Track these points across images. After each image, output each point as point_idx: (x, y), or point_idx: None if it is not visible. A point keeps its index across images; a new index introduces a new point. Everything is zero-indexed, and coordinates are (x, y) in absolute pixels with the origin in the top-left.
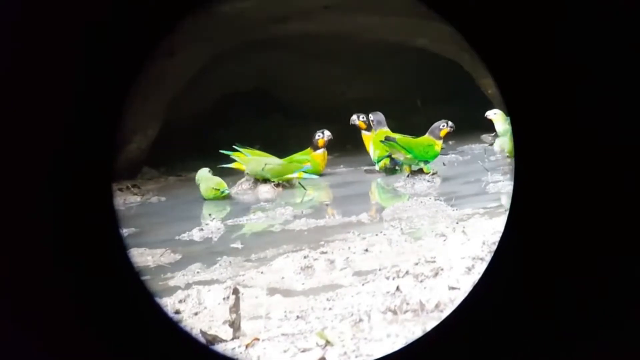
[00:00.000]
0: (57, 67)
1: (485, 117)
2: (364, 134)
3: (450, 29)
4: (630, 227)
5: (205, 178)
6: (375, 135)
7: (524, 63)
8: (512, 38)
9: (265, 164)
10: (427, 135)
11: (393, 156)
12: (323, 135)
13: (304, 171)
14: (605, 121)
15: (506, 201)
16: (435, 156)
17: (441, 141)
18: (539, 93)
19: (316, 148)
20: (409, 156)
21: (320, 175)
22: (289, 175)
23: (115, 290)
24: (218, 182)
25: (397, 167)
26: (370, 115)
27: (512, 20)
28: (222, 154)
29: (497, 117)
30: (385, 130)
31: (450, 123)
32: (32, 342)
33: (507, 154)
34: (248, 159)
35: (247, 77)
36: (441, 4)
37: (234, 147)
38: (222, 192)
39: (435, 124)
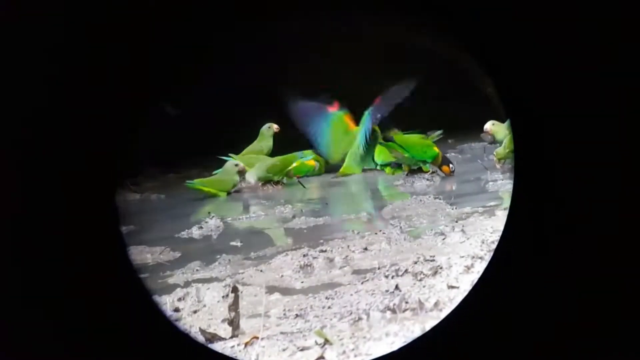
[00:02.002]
0: (59, 64)
1: (485, 133)
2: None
3: (449, 29)
4: (630, 226)
5: (224, 171)
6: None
7: (522, 62)
8: (510, 37)
9: (267, 165)
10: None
11: (392, 154)
12: None
13: (301, 158)
14: (605, 120)
15: (506, 200)
16: (434, 157)
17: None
18: (538, 92)
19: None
20: (406, 155)
21: (321, 174)
22: (290, 167)
23: (113, 288)
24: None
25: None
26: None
27: (510, 20)
28: (222, 152)
29: (495, 127)
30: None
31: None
32: (32, 341)
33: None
34: (252, 164)
35: (247, 77)
36: (441, 4)
37: (230, 155)
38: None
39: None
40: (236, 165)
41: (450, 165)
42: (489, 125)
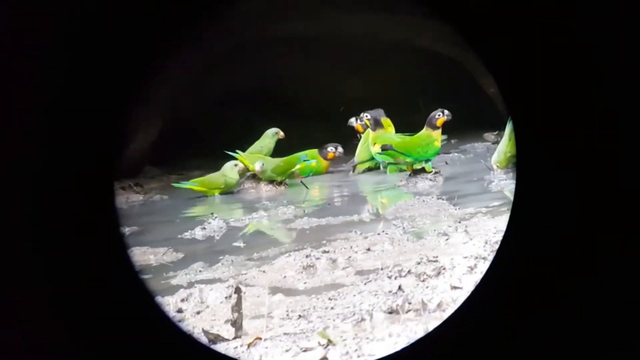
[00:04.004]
0: (60, 64)
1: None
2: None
3: (451, 29)
4: (631, 227)
5: (221, 171)
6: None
7: (524, 62)
8: (512, 37)
9: (271, 165)
10: (425, 129)
11: (394, 162)
12: (336, 151)
13: (304, 160)
14: (605, 120)
15: (508, 200)
16: (436, 152)
17: (439, 131)
18: (540, 92)
19: (325, 157)
20: (408, 160)
21: (323, 173)
22: (292, 169)
23: (115, 289)
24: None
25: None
26: (367, 114)
27: (512, 20)
28: (223, 152)
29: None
30: (379, 135)
31: (446, 111)
32: (31, 342)
33: (498, 165)
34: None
35: (248, 77)
36: (441, 4)
37: (237, 151)
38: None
39: (432, 114)
40: (235, 165)
41: (438, 115)
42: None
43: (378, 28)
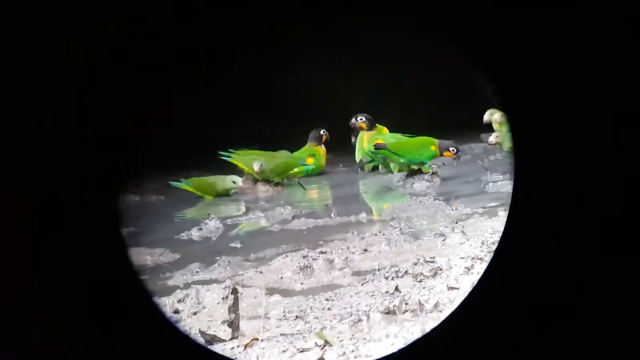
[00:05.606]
0: (60, 64)
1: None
2: (366, 134)
3: (449, 30)
4: (630, 227)
5: (221, 178)
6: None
7: (520, 62)
8: (508, 37)
9: (270, 165)
10: (432, 139)
11: (388, 162)
12: (325, 133)
13: (302, 164)
14: (604, 119)
15: (506, 201)
16: (431, 157)
17: (442, 156)
18: (536, 92)
19: (319, 143)
20: (402, 161)
21: (320, 173)
22: (290, 171)
23: (113, 290)
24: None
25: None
26: (360, 117)
27: (508, 20)
28: (222, 153)
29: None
30: (376, 135)
31: (460, 154)
32: (30, 341)
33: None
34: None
35: (247, 78)
36: (440, 5)
37: (230, 150)
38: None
39: (448, 143)
40: (234, 182)
41: (451, 149)
42: (487, 116)
43: (377, 29)
